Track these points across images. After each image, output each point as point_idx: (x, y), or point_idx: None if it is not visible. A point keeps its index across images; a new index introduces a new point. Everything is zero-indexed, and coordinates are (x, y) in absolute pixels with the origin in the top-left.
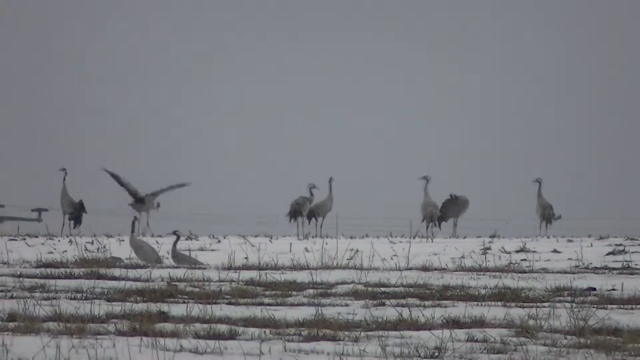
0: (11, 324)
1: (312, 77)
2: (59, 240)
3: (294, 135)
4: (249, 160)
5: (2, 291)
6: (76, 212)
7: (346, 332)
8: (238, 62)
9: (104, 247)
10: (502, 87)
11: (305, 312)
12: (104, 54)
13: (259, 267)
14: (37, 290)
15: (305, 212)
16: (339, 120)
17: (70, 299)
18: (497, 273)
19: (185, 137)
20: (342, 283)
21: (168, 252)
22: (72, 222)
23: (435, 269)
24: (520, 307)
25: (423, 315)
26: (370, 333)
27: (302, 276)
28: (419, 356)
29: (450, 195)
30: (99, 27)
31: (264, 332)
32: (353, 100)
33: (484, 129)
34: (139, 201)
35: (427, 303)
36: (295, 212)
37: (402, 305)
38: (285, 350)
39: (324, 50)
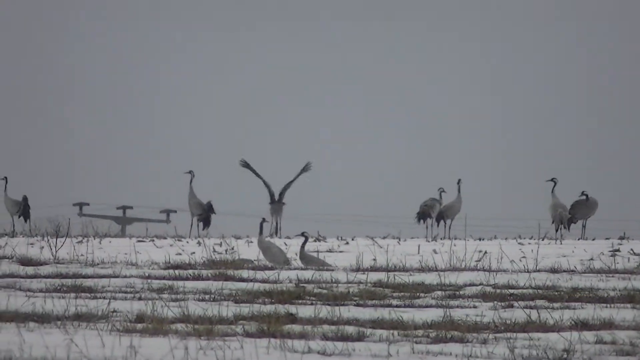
0: (139, 325)
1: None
2: (187, 242)
3: (421, 137)
4: (377, 161)
5: (130, 292)
6: (205, 214)
7: (474, 334)
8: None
9: (232, 248)
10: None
11: (434, 314)
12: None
13: (387, 269)
14: (165, 292)
15: (434, 214)
16: (460, 123)
17: (198, 300)
18: (626, 275)
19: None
20: (471, 285)
21: (296, 254)
22: (200, 223)
23: (564, 271)
24: None
25: (551, 317)
26: (498, 335)
27: (430, 278)
28: (548, 358)
29: (583, 193)
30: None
31: (392, 333)
32: (473, 102)
33: (608, 127)
34: (276, 202)
35: (555, 305)
36: (424, 214)
37: (531, 307)
38: (413, 352)
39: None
